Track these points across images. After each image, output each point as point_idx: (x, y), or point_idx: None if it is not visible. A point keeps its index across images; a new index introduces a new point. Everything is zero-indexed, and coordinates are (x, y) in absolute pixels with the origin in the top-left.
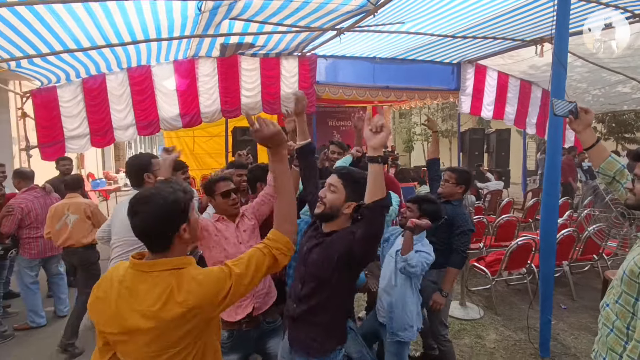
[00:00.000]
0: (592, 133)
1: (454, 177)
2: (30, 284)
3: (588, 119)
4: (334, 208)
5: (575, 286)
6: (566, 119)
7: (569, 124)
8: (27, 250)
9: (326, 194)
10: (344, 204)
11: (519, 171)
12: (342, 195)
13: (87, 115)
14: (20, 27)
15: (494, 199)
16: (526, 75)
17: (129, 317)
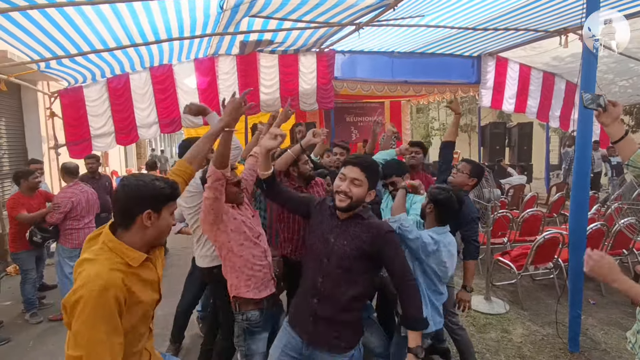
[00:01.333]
0: (621, 126)
1: (469, 168)
2: (69, 274)
3: (616, 112)
4: (360, 200)
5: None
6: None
7: (597, 117)
8: (69, 240)
9: (351, 188)
10: (367, 194)
11: (541, 165)
12: (366, 187)
13: (112, 114)
14: (50, 28)
15: (517, 194)
16: (549, 67)
17: None
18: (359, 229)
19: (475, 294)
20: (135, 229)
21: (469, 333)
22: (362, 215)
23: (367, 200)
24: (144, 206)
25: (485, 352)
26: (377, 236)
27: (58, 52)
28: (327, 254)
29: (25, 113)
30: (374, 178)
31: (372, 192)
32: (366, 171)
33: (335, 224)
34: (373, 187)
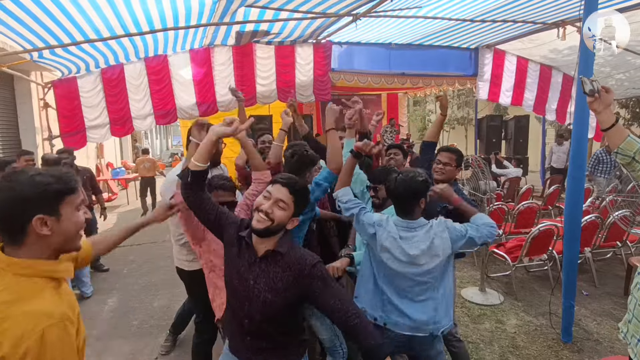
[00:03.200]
0: (612, 113)
1: (454, 158)
2: None
3: (609, 99)
4: (280, 226)
5: (597, 273)
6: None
7: (590, 104)
8: None
9: (274, 210)
10: (289, 221)
11: (537, 159)
12: (290, 212)
13: (106, 105)
14: (43, 17)
15: (513, 186)
16: (547, 60)
17: None
18: (280, 267)
19: (471, 286)
20: (30, 243)
21: (464, 324)
22: (280, 250)
23: (289, 228)
24: (31, 211)
25: (479, 342)
26: (300, 274)
27: (51, 41)
28: (248, 298)
29: (18, 104)
30: (301, 204)
31: (295, 219)
32: (295, 195)
33: (253, 261)
34: (298, 214)
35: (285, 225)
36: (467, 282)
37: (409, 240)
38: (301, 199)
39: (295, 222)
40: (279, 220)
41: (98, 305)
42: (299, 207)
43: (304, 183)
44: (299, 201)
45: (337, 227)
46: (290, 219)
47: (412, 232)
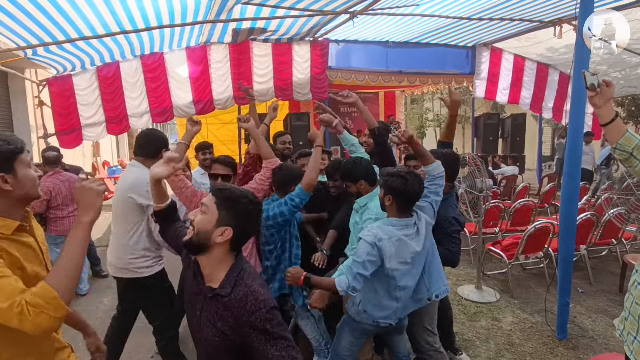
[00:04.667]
0: (612, 108)
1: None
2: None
3: (610, 93)
4: (202, 233)
5: (592, 270)
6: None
7: (590, 98)
8: (53, 228)
9: (196, 215)
10: (216, 230)
11: (533, 156)
12: (213, 217)
13: (102, 103)
14: (37, 14)
15: (509, 184)
16: (543, 58)
17: None
18: (222, 305)
19: (467, 283)
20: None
21: (460, 322)
22: (220, 292)
23: (217, 241)
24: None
25: (475, 339)
26: (239, 320)
27: (45, 38)
28: (196, 329)
29: (12, 102)
30: (228, 208)
31: (225, 229)
32: (218, 197)
33: (200, 290)
34: (228, 222)
35: (210, 235)
36: (463, 279)
37: (412, 238)
38: (226, 202)
39: (226, 233)
40: (199, 226)
41: (93, 304)
42: (227, 212)
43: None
44: (223, 205)
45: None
46: (216, 228)
47: (410, 230)
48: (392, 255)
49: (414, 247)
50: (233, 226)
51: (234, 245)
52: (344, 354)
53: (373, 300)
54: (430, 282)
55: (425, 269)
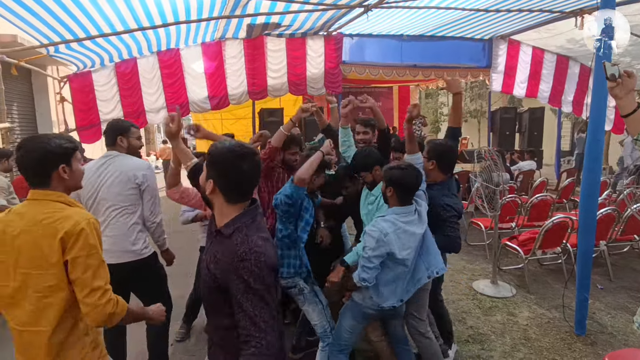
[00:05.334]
0: (633, 99)
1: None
2: None
3: (632, 84)
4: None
5: (612, 267)
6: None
7: (610, 89)
8: None
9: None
10: (205, 183)
11: (552, 151)
12: (205, 174)
13: (120, 98)
14: (59, 12)
15: (526, 180)
16: (563, 50)
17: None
18: (219, 248)
19: (482, 278)
20: (54, 185)
21: (475, 316)
22: (223, 232)
23: (208, 193)
24: (58, 162)
25: (490, 333)
26: (227, 264)
27: (67, 36)
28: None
29: (36, 98)
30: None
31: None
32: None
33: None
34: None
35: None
36: (479, 274)
37: (414, 223)
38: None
39: (209, 184)
40: (201, 183)
41: None
42: (210, 168)
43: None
44: (208, 162)
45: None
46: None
47: (412, 216)
48: (398, 244)
49: (417, 232)
50: (214, 177)
51: (227, 196)
52: (345, 336)
53: (377, 287)
54: (428, 262)
55: (422, 249)
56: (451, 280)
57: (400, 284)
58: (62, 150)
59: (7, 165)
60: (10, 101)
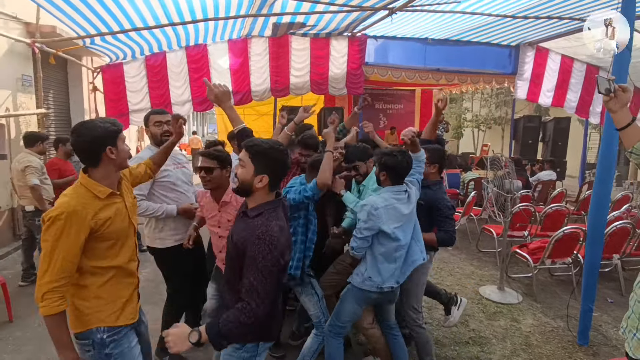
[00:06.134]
0: (628, 112)
1: (427, 157)
2: None
3: (626, 98)
4: (245, 183)
5: (626, 282)
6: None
7: (605, 103)
8: None
9: (237, 169)
10: (254, 178)
11: (576, 163)
12: (250, 169)
13: (149, 90)
14: (95, 5)
15: (545, 190)
16: (594, 60)
17: None
18: (241, 226)
19: (489, 284)
20: (103, 165)
21: (478, 320)
22: (249, 213)
23: (259, 186)
24: (105, 144)
25: (491, 337)
26: (247, 238)
27: (102, 29)
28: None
29: (70, 86)
30: (260, 160)
31: (262, 177)
32: (249, 151)
33: (240, 211)
34: (263, 171)
35: (252, 183)
36: (486, 280)
37: (403, 202)
38: (256, 154)
39: (263, 180)
40: (241, 178)
41: None
42: (259, 163)
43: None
44: (255, 157)
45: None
46: (254, 176)
47: (402, 195)
48: (387, 220)
49: (404, 210)
50: (268, 173)
51: (271, 187)
52: (345, 319)
53: (375, 266)
54: (421, 246)
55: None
56: (458, 284)
57: (397, 265)
58: (108, 133)
59: (41, 147)
60: (47, 89)
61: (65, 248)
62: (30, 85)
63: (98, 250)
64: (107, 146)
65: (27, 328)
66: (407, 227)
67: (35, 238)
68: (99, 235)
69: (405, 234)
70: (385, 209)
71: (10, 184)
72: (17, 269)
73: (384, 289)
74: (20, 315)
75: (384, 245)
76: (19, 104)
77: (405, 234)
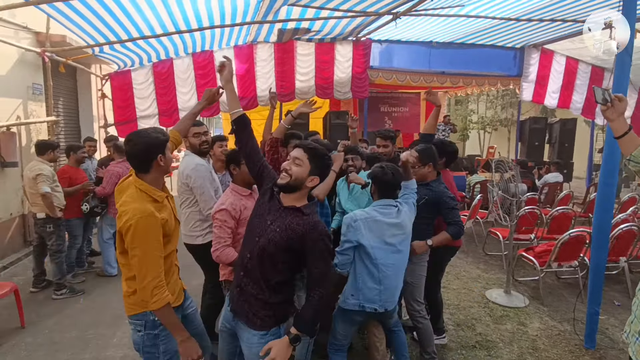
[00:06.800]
0: (625, 121)
1: (416, 157)
2: (107, 239)
3: (622, 107)
4: (298, 180)
5: (633, 285)
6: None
7: (603, 112)
8: (112, 210)
9: (291, 167)
10: (308, 178)
11: (583, 164)
12: (307, 168)
13: (156, 97)
14: (104, 15)
15: (552, 192)
16: (599, 61)
17: None
18: (296, 221)
19: (496, 287)
20: (154, 170)
21: (485, 323)
22: (304, 210)
23: (309, 185)
24: (157, 153)
25: (498, 341)
26: (309, 235)
27: (111, 37)
28: (260, 233)
29: (79, 94)
30: (317, 162)
31: (314, 178)
32: (308, 152)
33: (277, 208)
34: (316, 172)
35: (304, 181)
36: (493, 283)
37: (391, 217)
38: (315, 156)
39: (315, 180)
40: (296, 175)
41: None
42: (316, 165)
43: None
44: (313, 158)
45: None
46: (308, 176)
47: (389, 209)
48: (367, 234)
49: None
50: (319, 175)
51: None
52: (339, 338)
53: (356, 284)
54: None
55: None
56: (464, 287)
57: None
58: (160, 142)
59: (52, 155)
60: (57, 96)
61: (154, 246)
62: (40, 93)
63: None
64: (158, 154)
65: (39, 334)
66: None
67: (46, 244)
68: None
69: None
70: (365, 221)
71: (21, 191)
72: (28, 275)
73: (366, 309)
74: (32, 322)
75: (365, 262)
76: (29, 112)
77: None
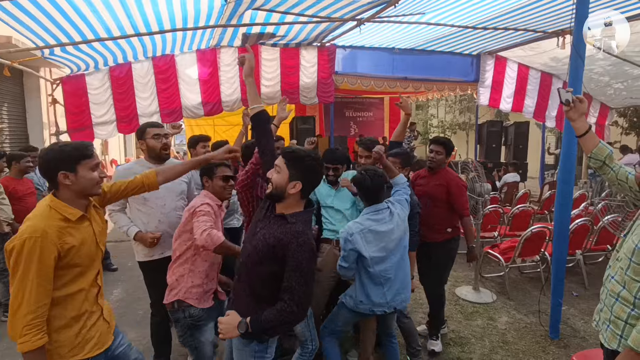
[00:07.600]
0: (585, 121)
1: (399, 161)
2: None
3: (583, 108)
4: (279, 188)
5: (588, 275)
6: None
7: (566, 112)
8: None
9: (272, 175)
10: (289, 184)
11: (536, 165)
12: (285, 175)
13: (114, 102)
14: (55, 14)
15: (510, 191)
16: (547, 68)
17: None
18: (280, 230)
19: (465, 285)
20: (62, 189)
21: (457, 320)
22: (289, 218)
23: (291, 192)
24: (58, 169)
25: (470, 337)
26: (287, 244)
27: (62, 39)
28: (250, 239)
29: (27, 99)
30: (296, 166)
31: (296, 183)
32: (285, 157)
33: (268, 215)
34: (297, 177)
35: (285, 188)
36: (462, 281)
37: (384, 221)
38: (292, 160)
39: (297, 186)
40: (276, 183)
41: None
42: (295, 170)
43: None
44: (291, 163)
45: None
46: (289, 182)
47: (383, 214)
48: (366, 246)
49: (382, 229)
50: (301, 179)
51: (304, 194)
52: (338, 324)
53: (364, 290)
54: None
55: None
56: None
57: (385, 289)
58: (64, 157)
59: None
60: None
61: (39, 274)
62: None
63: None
64: (59, 171)
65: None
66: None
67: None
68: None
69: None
70: (361, 233)
71: None
72: None
73: (376, 312)
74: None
75: (368, 270)
76: None
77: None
